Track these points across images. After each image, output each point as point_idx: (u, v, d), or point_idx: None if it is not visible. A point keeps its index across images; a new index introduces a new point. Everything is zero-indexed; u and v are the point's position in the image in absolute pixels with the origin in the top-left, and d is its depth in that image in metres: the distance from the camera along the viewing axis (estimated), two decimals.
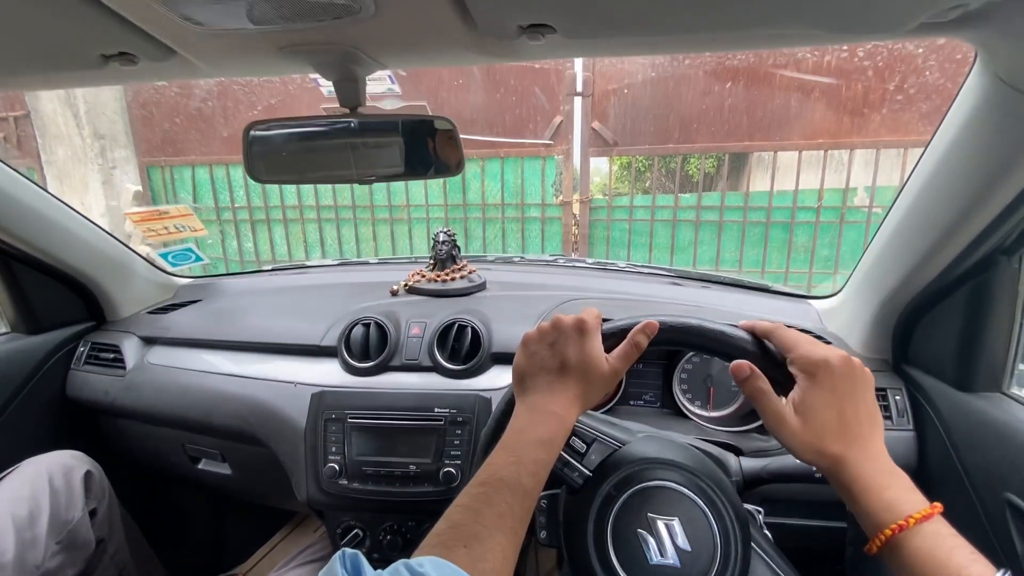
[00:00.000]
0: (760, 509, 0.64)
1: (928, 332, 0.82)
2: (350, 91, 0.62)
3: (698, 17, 0.47)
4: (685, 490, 0.55)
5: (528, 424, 0.53)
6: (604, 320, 0.60)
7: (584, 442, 0.60)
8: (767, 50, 2.50)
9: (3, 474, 0.91)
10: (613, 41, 0.54)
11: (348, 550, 0.37)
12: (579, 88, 3.18)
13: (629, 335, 0.57)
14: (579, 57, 2.91)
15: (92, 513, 0.96)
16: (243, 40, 0.56)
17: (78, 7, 0.48)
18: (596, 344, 0.56)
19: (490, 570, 0.42)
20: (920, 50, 2.76)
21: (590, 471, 0.58)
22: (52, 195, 1.04)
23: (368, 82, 0.67)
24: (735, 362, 0.53)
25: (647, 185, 4.04)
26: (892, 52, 2.83)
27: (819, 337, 0.92)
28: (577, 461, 0.59)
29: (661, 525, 0.53)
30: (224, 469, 1.10)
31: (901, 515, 0.42)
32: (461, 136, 0.67)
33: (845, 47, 2.86)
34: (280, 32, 0.53)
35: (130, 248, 1.24)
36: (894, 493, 0.44)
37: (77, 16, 0.50)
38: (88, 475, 0.98)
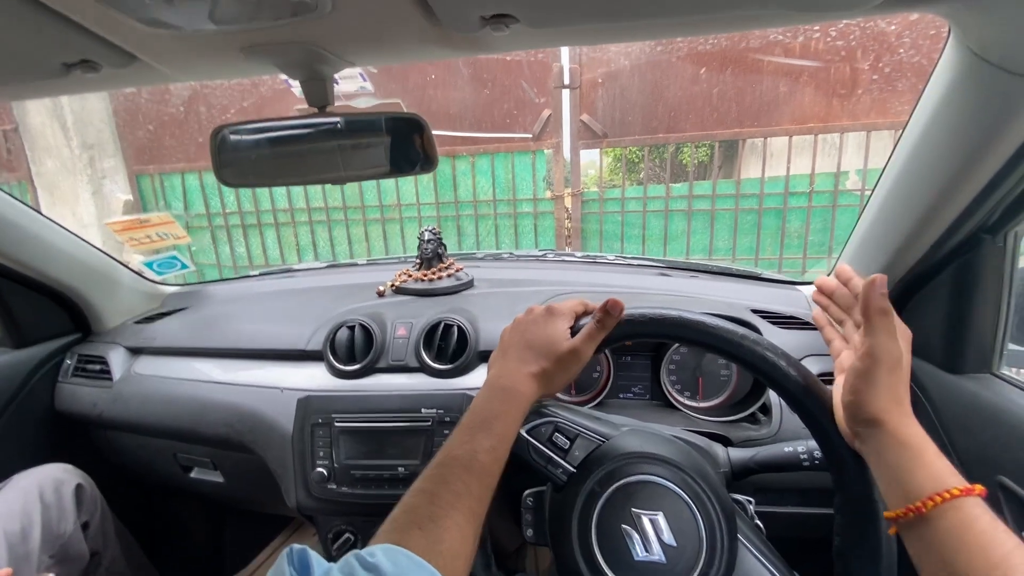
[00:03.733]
0: (751, 499, 0.64)
1: (916, 314, 0.81)
2: (317, 90, 0.61)
3: (661, 2, 0.46)
4: (669, 484, 0.54)
5: (482, 402, 0.53)
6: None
7: (567, 438, 0.59)
8: (735, 32, 2.46)
9: None
10: (579, 28, 0.53)
11: (296, 546, 0.36)
12: (566, 80, 3.15)
13: (592, 315, 0.56)
14: (547, 47, 2.84)
15: (84, 526, 0.96)
16: (204, 42, 0.55)
17: (34, 17, 0.47)
18: (559, 325, 0.57)
19: (447, 551, 0.40)
20: (892, 27, 2.71)
21: (574, 467, 0.57)
22: (32, 207, 1.03)
23: (340, 81, 0.66)
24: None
25: (640, 176, 4.02)
26: (865, 31, 2.78)
27: (806, 322, 0.92)
28: (561, 458, 0.58)
29: (646, 520, 0.53)
30: (216, 477, 1.09)
31: (947, 486, 0.39)
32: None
33: (817, 28, 2.82)
34: (240, 32, 0.52)
35: (114, 259, 1.23)
36: (942, 463, 0.41)
37: (33, 26, 0.49)
38: (79, 488, 0.97)
